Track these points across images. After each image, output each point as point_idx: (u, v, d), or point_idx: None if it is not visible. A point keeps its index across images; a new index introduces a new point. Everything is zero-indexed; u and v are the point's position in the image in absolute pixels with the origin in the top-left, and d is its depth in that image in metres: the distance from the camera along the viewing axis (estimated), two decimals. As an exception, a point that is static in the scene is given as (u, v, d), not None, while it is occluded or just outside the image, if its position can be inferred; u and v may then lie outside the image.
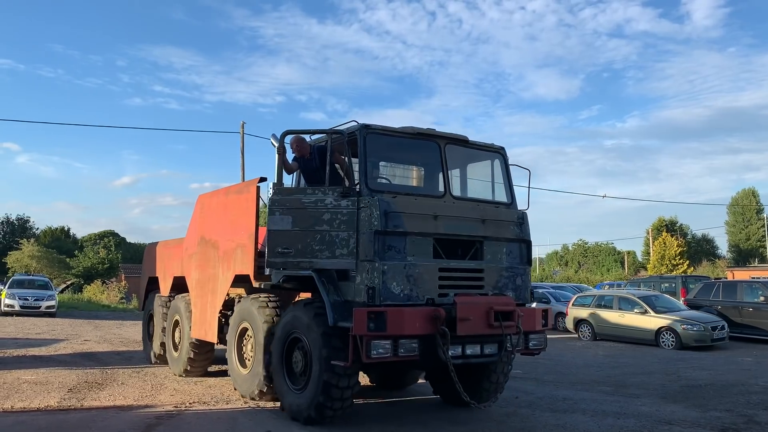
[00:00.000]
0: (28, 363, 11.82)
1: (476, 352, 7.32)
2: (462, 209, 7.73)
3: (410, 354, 6.79)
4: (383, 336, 6.57)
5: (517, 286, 7.97)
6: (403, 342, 6.69)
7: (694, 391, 10.26)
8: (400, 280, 6.99)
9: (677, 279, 25.55)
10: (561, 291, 25.34)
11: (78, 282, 49.07)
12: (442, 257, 7.39)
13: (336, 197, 7.30)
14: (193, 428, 7.05)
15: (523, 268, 8.11)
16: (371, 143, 7.53)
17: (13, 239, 62.19)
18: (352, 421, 7.54)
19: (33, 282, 27.72)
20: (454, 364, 7.01)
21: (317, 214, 7.35)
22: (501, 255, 7.90)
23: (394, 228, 7.05)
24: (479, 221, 7.73)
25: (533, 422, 7.73)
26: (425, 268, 7.19)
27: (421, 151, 8.34)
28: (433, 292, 7.20)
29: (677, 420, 7.99)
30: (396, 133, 7.80)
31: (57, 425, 7.02)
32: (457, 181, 8.59)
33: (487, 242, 7.77)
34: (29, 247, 51.51)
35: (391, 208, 7.07)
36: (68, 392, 8.95)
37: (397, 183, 8.67)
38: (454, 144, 8.11)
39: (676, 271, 52.74)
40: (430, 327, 6.82)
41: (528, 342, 7.85)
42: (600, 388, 10.37)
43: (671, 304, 18.53)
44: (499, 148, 8.58)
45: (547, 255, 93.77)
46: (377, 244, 6.92)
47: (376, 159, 8.24)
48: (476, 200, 8.24)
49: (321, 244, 7.29)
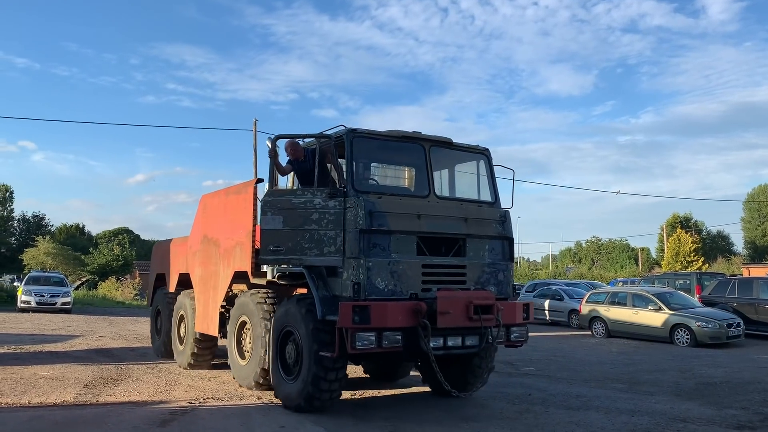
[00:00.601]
0: (45, 359, 11.95)
1: (457, 344, 7.70)
2: (445, 209, 8.11)
3: (394, 345, 7.20)
4: (367, 328, 6.98)
5: (499, 281, 8.38)
6: (386, 334, 7.11)
7: (709, 388, 10.17)
8: (385, 276, 7.41)
9: (692, 276, 25.37)
10: (574, 288, 25.20)
11: (93, 279, 49.51)
12: (426, 254, 7.78)
13: (324, 198, 7.72)
14: (207, 424, 7.09)
15: (505, 264, 8.51)
16: (357, 146, 7.98)
17: (29, 236, 62.87)
18: (366, 417, 7.56)
19: (49, 279, 27.99)
20: (436, 354, 7.46)
21: (306, 214, 7.78)
22: (483, 252, 8.29)
23: (379, 227, 7.46)
24: (462, 220, 8.13)
25: (546, 419, 7.70)
26: (409, 265, 7.60)
27: (408, 154, 8.73)
28: (417, 287, 7.60)
29: (692, 418, 7.93)
30: (382, 137, 8.24)
31: (73, 420, 7.09)
32: (444, 182, 9.05)
33: (469, 240, 8.16)
34: (45, 244, 52.00)
35: (376, 208, 7.48)
36: (84, 388, 9.04)
37: (385, 184, 9.18)
38: (438, 146, 8.49)
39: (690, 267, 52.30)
40: (412, 320, 7.23)
41: (510, 334, 8.35)
42: (614, 386, 10.31)
43: (686, 301, 18.39)
44: (484, 149, 8.94)
45: (561, 252, 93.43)
46: (362, 242, 7.34)
47: (363, 161, 8.82)
48: (460, 200, 8.63)
49: (310, 243, 7.72)
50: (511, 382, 10.44)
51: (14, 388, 8.85)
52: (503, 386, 10.06)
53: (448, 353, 7.76)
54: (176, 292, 12.18)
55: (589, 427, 7.36)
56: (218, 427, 6.97)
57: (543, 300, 24.18)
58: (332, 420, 7.39)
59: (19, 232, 70.10)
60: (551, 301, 23.78)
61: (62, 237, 64.99)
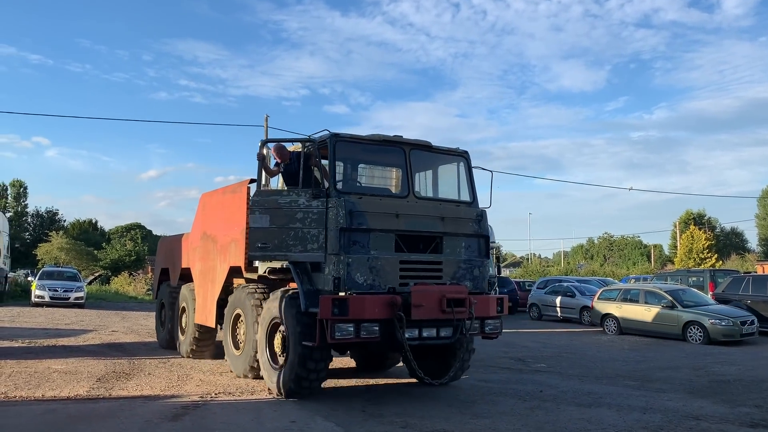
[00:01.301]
0: (58, 353, 12.06)
1: (432, 335, 8.22)
2: (423, 208, 8.60)
3: (371, 336, 7.76)
4: (346, 320, 7.52)
5: (475, 276, 8.88)
6: (364, 325, 7.65)
7: (723, 386, 10.10)
8: (364, 271, 7.95)
9: (705, 273, 25.16)
10: (586, 285, 25.08)
11: (105, 274, 49.83)
12: (404, 251, 8.31)
13: (308, 198, 8.22)
14: (218, 418, 7.12)
15: (480, 260, 8.99)
16: (340, 150, 8.55)
17: (42, 232, 63.37)
18: (376, 413, 7.56)
19: (62, 274, 28.20)
20: (412, 345, 8.04)
21: (291, 213, 8.27)
22: (459, 249, 8.79)
23: (358, 225, 7.98)
24: (439, 219, 8.63)
25: (557, 416, 7.67)
26: (387, 261, 8.13)
27: (389, 156, 9.25)
28: (395, 281, 8.13)
29: (705, 415, 7.87)
30: (364, 141, 8.74)
31: (86, 414, 7.15)
32: (428, 182, 9.58)
33: (446, 237, 8.66)
34: (58, 239, 52.39)
35: (356, 208, 7.99)
36: (97, 382, 9.11)
37: (371, 184, 9.70)
38: (418, 149, 8.96)
39: (704, 264, 51.93)
40: (388, 312, 7.75)
41: (484, 327, 8.81)
42: (625, 383, 10.26)
43: (699, 299, 18.24)
44: (463, 152, 9.38)
45: (572, 248, 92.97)
46: (342, 240, 7.86)
47: (346, 164, 9.46)
48: (438, 199, 9.16)
49: (295, 240, 8.21)
50: (522, 379, 10.42)
51: (28, 382, 8.94)
52: (514, 383, 10.03)
53: (423, 343, 8.31)
54: (179, 286, 12.77)
55: (601, 424, 7.32)
56: (230, 421, 7.00)
57: (554, 297, 24.09)
58: (343, 414, 7.42)
59: (32, 228, 70.66)
60: (563, 298, 23.69)
61: (75, 232, 65.36)
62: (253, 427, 6.78)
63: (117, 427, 6.54)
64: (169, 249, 13.90)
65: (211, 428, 6.67)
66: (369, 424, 7.03)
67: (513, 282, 30.87)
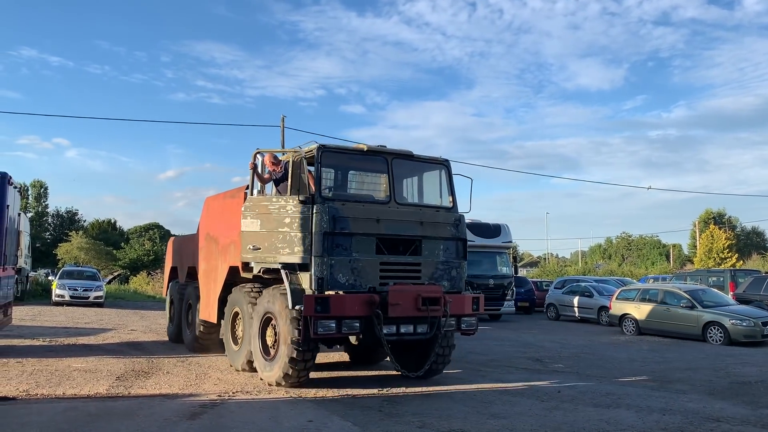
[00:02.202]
0: (78, 351, 12.19)
1: (410, 331, 8.87)
2: (403, 213, 9.20)
3: (352, 331, 8.50)
4: (328, 317, 8.23)
5: (452, 277, 9.50)
6: (346, 321, 8.35)
7: (744, 387, 9.97)
8: (346, 272, 8.61)
9: (725, 273, 24.85)
10: (604, 285, 24.86)
11: (124, 273, 50.29)
12: (384, 253, 8.93)
13: (295, 204, 8.80)
14: (236, 417, 7.16)
15: (458, 261, 9.60)
16: (326, 159, 9.23)
17: (62, 231, 64.10)
18: (393, 413, 7.56)
19: (82, 273, 28.48)
20: (390, 340, 8.72)
21: (280, 218, 8.92)
22: (438, 251, 9.39)
23: (341, 230, 8.60)
24: (418, 223, 9.23)
25: (575, 417, 7.62)
26: (368, 262, 8.76)
27: (374, 165, 9.87)
28: (375, 281, 8.76)
29: (726, 417, 7.77)
30: (349, 151, 9.53)
31: (106, 412, 7.22)
32: (413, 189, 10.25)
33: (425, 240, 9.27)
34: (78, 239, 52.98)
35: (339, 214, 8.63)
36: (116, 380, 9.20)
37: (358, 190, 10.40)
38: (400, 158, 9.59)
39: (724, 264, 51.35)
40: (367, 310, 8.41)
41: (461, 324, 9.48)
42: (644, 384, 10.16)
43: (719, 299, 18.02)
44: (444, 160, 9.96)
45: (590, 248, 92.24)
46: (326, 243, 8.50)
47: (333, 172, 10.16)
48: (419, 205, 9.75)
49: (283, 243, 8.85)
50: (539, 379, 10.35)
51: (50, 380, 9.06)
52: (532, 383, 9.97)
53: (401, 339, 8.96)
54: (186, 284, 13.50)
55: (619, 425, 7.26)
56: (247, 420, 7.04)
57: (572, 297, 23.92)
58: (360, 414, 7.42)
59: (53, 228, 71.49)
60: (580, 298, 23.51)
61: (95, 232, 66.03)
62: (271, 426, 6.81)
63: (136, 426, 6.60)
64: (177, 249, 14.77)
65: (229, 427, 6.70)
66: (386, 424, 7.03)
67: (530, 282, 30.71)
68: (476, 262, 21.80)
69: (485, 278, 22.00)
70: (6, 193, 10.80)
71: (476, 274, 21.71)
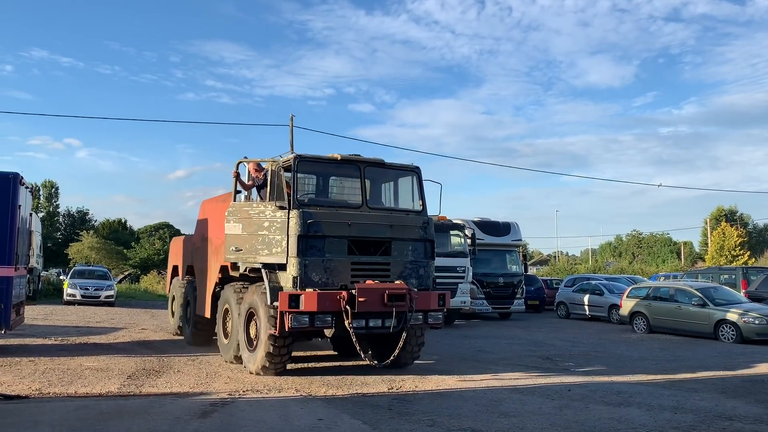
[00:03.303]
0: (90, 350, 12.27)
1: (378, 325, 9.55)
2: (374, 217, 9.90)
3: (325, 325, 9.34)
4: (301, 312, 9.04)
5: (420, 275, 10.16)
6: (318, 316, 9.17)
7: (757, 386, 9.90)
8: (319, 271, 9.35)
9: (737, 270, 24.64)
10: (615, 282, 24.76)
11: (135, 272, 50.58)
12: (356, 253, 9.62)
13: (273, 210, 9.59)
14: (246, 416, 7.18)
15: (426, 261, 10.27)
16: (302, 168, 9.92)
17: (73, 231, 64.51)
18: (403, 411, 7.56)
19: (93, 272, 28.66)
20: (360, 333, 9.43)
21: (260, 222, 9.71)
22: (406, 251, 10.07)
23: (315, 233, 9.34)
24: (388, 226, 9.92)
25: (586, 415, 7.59)
26: (340, 262, 9.50)
27: (349, 172, 10.45)
28: (346, 279, 9.49)
29: (738, 416, 7.72)
30: (323, 160, 10.18)
31: (117, 410, 7.26)
32: (389, 193, 10.97)
33: (394, 242, 9.95)
34: (89, 238, 53.29)
35: (313, 218, 9.36)
36: (127, 379, 9.25)
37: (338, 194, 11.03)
38: (372, 166, 10.33)
39: (736, 262, 50.98)
40: (337, 306, 9.15)
41: (427, 318, 10.09)
42: (656, 382, 10.11)
43: (731, 297, 17.88)
44: (415, 167, 10.68)
45: (600, 246, 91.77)
46: (301, 245, 9.23)
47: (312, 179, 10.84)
48: (389, 209, 10.50)
49: (262, 245, 9.65)
50: (550, 378, 10.32)
51: (62, 379, 9.12)
52: (542, 381, 9.95)
53: (370, 332, 9.68)
54: (185, 281, 14.24)
55: (631, 423, 7.22)
56: (257, 418, 7.05)
57: (582, 295, 23.84)
58: (370, 412, 7.42)
59: (64, 227, 71.90)
60: (591, 296, 23.42)
61: (105, 232, 66.33)
62: (281, 425, 6.82)
63: (147, 424, 6.62)
64: (177, 248, 15.74)
65: (240, 425, 6.72)
66: (396, 422, 7.03)
67: (540, 280, 30.62)
68: (486, 260, 21.79)
69: (495, 276, 21.96)
70: (18, 194, 10.88)
71: (486, 273, 21.71)
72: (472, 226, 21.45)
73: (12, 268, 10.77)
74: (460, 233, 20.07)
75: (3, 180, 10.78)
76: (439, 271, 18.81)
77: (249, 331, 10.12)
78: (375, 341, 10.65)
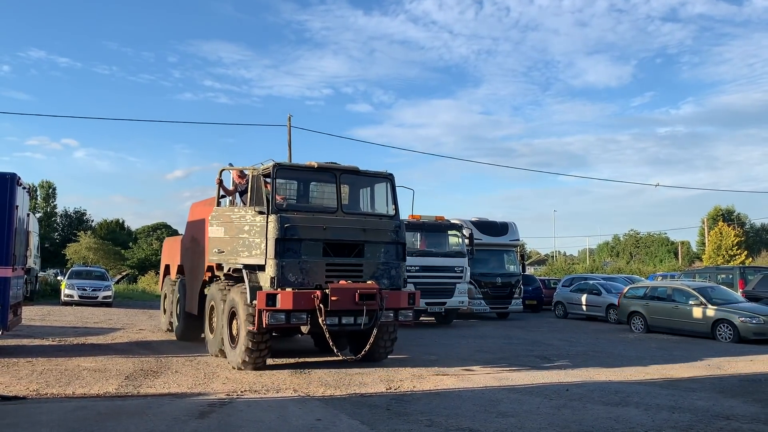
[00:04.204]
0: (87, 351, 12.26)
1: (350, 322, 10.19)
2: (348, 221, 10.48)
3: (300, 322, 9.96)
4: (277, 310, 9.64)
5: (392, 275, 10.77)
6: (293, 314, 9.79)
7: (754, 385, 9.92)
8: (295, 272, 9.94)
9: (735, 270, 24.68)
10: (612, 282, 24.78)
11: (132, 273, 50.51)
12: (331, 255, 10.21)
13: (253, 215, 10.21)
14: (244, 416, 7.18)
15: (397, 262, 10.87)
16: (280, 176, 10.63)
17: (71, 232, 64.38)
18: (401, 411, 7.56)
19: (90, 273, 28.60)
20: (333, 330, 10.04)
21: (241, 226, 10.39)
22: (379, 253, 10.66)
23: (291, 236, 9.91)
24: (361, 230, 10.50)
25: (584, 415, 7.60)
26: (315, 264, 10.10)
27: (325, 179, 11.10)
28: (321, 280, 10.08)
29: (736, 415, 7.74)
30: (301, 168, 10.90)
31: (115, 411, 7.26)
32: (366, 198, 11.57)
33: (367, 244, 10.54)
34: (86, 239, 53.19)
35: (290, 223, 9.93)
36: (125, 379, 9.24)
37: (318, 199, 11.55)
38: (347, 174, 10.88)
39: (733, 261, 51.06)
40: (311, 304, 9.76)
41: (398, 316, 10.70)
42: (653, 382, 10.13)
43: (728, 296, 17.90)
44: (388, 174, 11.27)
45: (598, 246, 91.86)
46: (278, 247, 9.82)
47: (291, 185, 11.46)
48: (363, 214, 11.02)
49: (243, 247, 10.32)
50: (548, 378, 10.33)
51: (59, 379, 9.11)
52: (540, 381, 9.95)
53: (343, 329, 10.35)
54: (176, 280, 14.84)
55: (628, 423, 7.23)
56: (255, 419, 7.05)
57: (580, 294, 23.85)
58: (368, 412, 7.43)
59: (61, 228, 71.75)
60: (588, 296, 23.44)
61: (103, 232, 66.26)
62: (279, 425, 6.82)
63: (145, 425, 6.62)
64: (169, 248, 16.59)
65: (238, 426, 6.72)
66: (394, 422, 7.03)
67: (538, 280, 30.63)
68: (484, 260, 21.79)
69: (493, 276, 21.97)
70: (15, 194, 10.87)
71: (484, 273, 21.72)
72: (470, 225, 21.45)
73: (9, 268, 10.76)
74: (458, 233, 20.06)
75: (0, 180, 10.77)
76: (437, 270, 19.07)
77: (231, 328, 10.69)
78: (352, 337, 11.39)
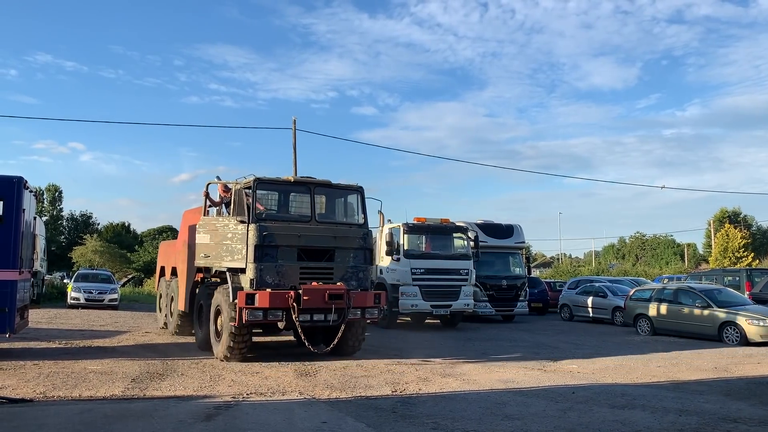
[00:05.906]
0: (94, 354, 12.29)
1: (321, 319, 11.40)
2: (320, 230, 11.72)
3: (276, 318, 11.15)
4: (255, 308, 10.90)
5: (360, 278, 12.02)
6: (270, 311, 11.00)
7: (761, 388, 9.87)
8: (273, 275, 11.14)
9: (741, 272, 24.62)
10: (618, 285, 24.68)
11: (138, 276, 50.64)
12: (304, 260, 11.45)
13: (235, 224, 11.48)
14: (250, 419, 7.18)
15: (365, 266, 12.12)
16: (260, 189, 11.79)
17: (77, 235, 64.64)
18: (407, 414, 7.55)
19: (96, 276, 28.64)
20: (305, 325, 11.34)
21: (224, 233, 11.67)
22: (348, 258, 11.90)
23: (269, 243, 11.15)
24: (332, 237, 11.75)
25: (590, 418, 7.57)
26: (290, 267, 11.29)
27: (301, 191, 12.28)
28: (296, 281, 11.28)
29: (743, 418, 7.69)
30: (279, 182, 12.16)
31: (121, 413, 7.27)
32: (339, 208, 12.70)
33: (337, 250, 11.79)
34: (92, 242, 53.40)
35: (268, 231, 11.17)
36: (131, 382, 9.26)
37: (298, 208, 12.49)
38: (320, 187, 12.16)
39: (739, 264, 50.82)
40: (285, 303, 11.00)
41: (365, 314, 11.96)
42: (660, 384, 10.08)
43: (735, 298, 17.83)
44: (358, 187, 12.51)
45: (604, 248, 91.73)
46: (257, 253, 11.04)
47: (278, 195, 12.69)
48: (335, 223, 12.28)
49: (226, 252, 11.58)
50: (553, 380, 10.30)
51: (66, 382, 9.14)
52: (546, 384, 9.93)
53: (314, 325, 11.54)
54: (170, 281, 16.15)
55: (635, 426, 7.20)
56: (261, 421, 7.06)
57: (586, 297, 23.77)
58: (374, 415, 7.42)
59: (68, 231, 72.05)
60: (594, 298, 23.35)
61: (109, 235, 66.42)
62: (285, 428, 6.82)
63: (151, 427, 6.63)
64: (164, 251, 18.17)
65: (243, 428, 6.72)
66: (399, 425, 7.02)
67: (543, 282, 30.54)
68: (489, 262, 21.73)
69: (498, 279, 21.91)
70: (22, 198, 10.90)
71: (489, 275, 21.66)
72: (475, 228, 21.42)
73: (16, 271, 10.79)
74: (463, 236, 20.03)
75: (7, 184, 10.81)
76: (442, 273, 19.06)
77: (217, 324, 11.96)
78: (326, 333, 12.47)
